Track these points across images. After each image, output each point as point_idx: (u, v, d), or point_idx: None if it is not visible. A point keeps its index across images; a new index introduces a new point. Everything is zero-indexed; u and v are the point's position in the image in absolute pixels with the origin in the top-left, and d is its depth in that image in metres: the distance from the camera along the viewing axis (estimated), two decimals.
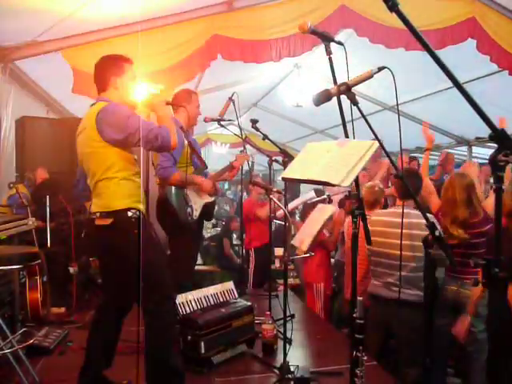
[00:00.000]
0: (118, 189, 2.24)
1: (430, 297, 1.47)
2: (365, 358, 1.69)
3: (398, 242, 2.44)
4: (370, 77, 1.58)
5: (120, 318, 2.43)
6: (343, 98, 1.62)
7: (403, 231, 2.68)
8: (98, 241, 2.35)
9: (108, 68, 2.34)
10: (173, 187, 3.07)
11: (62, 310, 3.83)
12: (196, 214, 3.20)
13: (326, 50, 1.71)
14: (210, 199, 3.36)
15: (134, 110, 2.40)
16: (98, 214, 2.26)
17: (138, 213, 2.24)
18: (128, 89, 2.34)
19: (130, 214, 2.22)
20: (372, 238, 1.80)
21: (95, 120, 2.19)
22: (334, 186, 1.54)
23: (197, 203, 3.22)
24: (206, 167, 3.47)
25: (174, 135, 2.26)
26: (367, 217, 1.79)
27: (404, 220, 2.64)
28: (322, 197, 4.06)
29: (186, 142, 3.20)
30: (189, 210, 3.15)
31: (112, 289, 2.42)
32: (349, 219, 3.53)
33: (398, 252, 2.57)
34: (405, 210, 2.73)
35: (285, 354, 2.53)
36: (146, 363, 2.22)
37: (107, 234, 2.25)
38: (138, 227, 2.23)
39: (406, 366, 2.67)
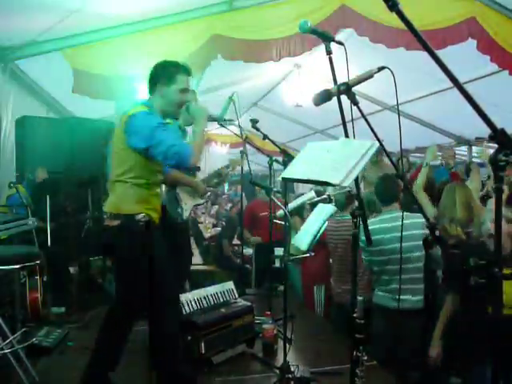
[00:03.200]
0: (130, 193, 2.24)
1: (430, 299, 1.46)
2: (365, 357, 1.69)
3: (404, 244, 2.46)
4: (371, 77, 1.58)
5: (129, 321, 2.41)
6: (343, 97, 1.62)
7: (399, 234, 2.70)
8: (105, 241, 2.38)
9: (159, 74, 2.31)
10: (164, 186, 3.07)
11: (62, 309, 3.82)
12: (186, 214, 3.22)
13: (326, 49, 1.70)
14: (201, 201, 3.38)
15: (176, 118, 2.46)
16: (108, 214, 2.28)
17: (146, 218, 2.25)
18: (174, 99, 2.31)
19: (138, 217, 2.23)
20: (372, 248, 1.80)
21: (125, 123, 2.21)
22: (334, 186, 1.54)
23: (187, 204, 3.23)
24: (199, 168, 3.48)
25: (198, 154, 2.23)
26: None
27: (398, 223, 2.68)
28: (322, 197, 4.05)
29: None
30: (179, 209, 3.16)
31: (120, 291, 2.42)
32: (331, 221, 3.54)
33: (405, 255, 2.61)
34: (398, 214, 2.77)
35: (285, 354, 2.53)
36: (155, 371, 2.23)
37: (114, 235, 2.26)
38: (146, 231, 2.24)
39: (408, 368, 2.67)
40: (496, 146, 1.07)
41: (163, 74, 2.30)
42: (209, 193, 3.59)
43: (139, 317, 2.48)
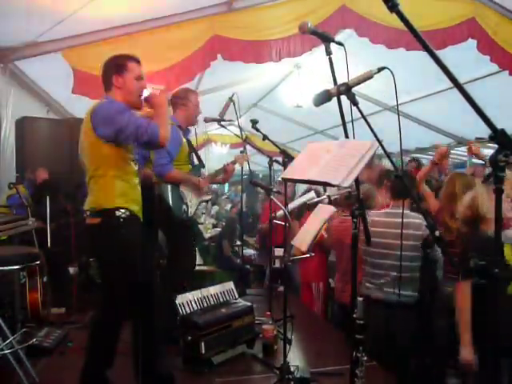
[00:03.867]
0: (108, 187, 2.22)
1: (428, 297, 1.47)
2: (365, 358, 1.69)
3: (396, 242, 2.47)
4: (370, 77, 1.58)
5: (118, 319, 2.40)
6: (343, 98, 1.62)
7: (398, 231, 2.71)
8: (90, 240, 2.34)
9: (110, 67, 2.35)
10: (168, 184, 3.07)
11: (62, 310, 3.83)
12: (191, 211, 3.21)
13: (326, 50, 1.71)
14: (207, 197, 3.38)
15: (138, 108, 2.40)
16: (88, 213, 2.25)
17: (127, 212, 2.22)
18: (132, 87, 2.33)
19: (118, 213, 2.20)
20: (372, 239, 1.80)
21: (90, 117, 2.21)
22: (333, 186, 1.54)
23: (192, 201, 3.23)
24: (203, 166, 3.47)
25: (165, 132, 2.24)
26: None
27: (400, 220, 2.69)
28: (322, 197, 4.06)
29: (184, 140, 3.21)
30: (184, 207, 3.15)
31: (106, 290, 2.41)
32: (338, 220, 3.55)
33: (396, 252, 2.62)
34: (402, 211, 2.78)
35: (285, 355, 2.53)
36: (134, 367, 2.23)
37: (96, 233, 2.24)
38: (128, 227, 2.21)
39: (403, 367, 2.67)
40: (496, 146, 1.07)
41: (114, 64, 2.34)
42: (213, 186, 3.60)
43: (129, 316, 2.46)
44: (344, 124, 1.73)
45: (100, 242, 2.25)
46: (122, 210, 2.21)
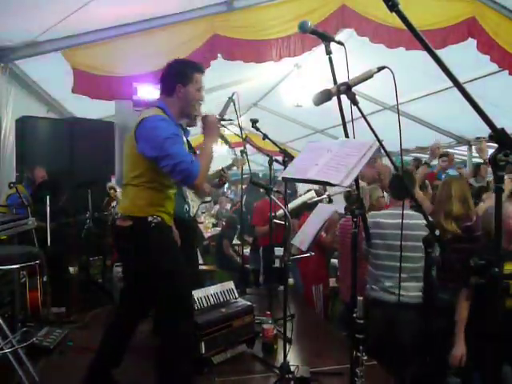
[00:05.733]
0: (142, 196, 2.21)
1: (427, 297, 1.47)
2: (365, 357, 1.69)
3: (398, 243, 2.47)
4: (370, 77, 1.58)
5: (134, 322, 2.42)
6: (343, 97, 1.62)
7: (404, 232, 2.70)
8: (117, 241, 2.35)
9: (176, 74, 2.26)
10: None
11: (62, 309, 3.82)
12: (193, 211, 3.20)
13: (326, 49, 1.71)
14: (208, 198, 3.37)
15: (189, 118, 2.37)
16: (120, 215, 2.27)
17: (158, 218, 2.21)
18: (192, 98, 2.27)
19: (150, 218, 2.19)
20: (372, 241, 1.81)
21: (137, 128, 2.16)
22: (333, 186, 1.54)
23: (194, 201, 3.22)
24: None
25: (203, 177, 2.17)
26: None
27: (405, 221, 2.69)
28: (322, 197, 4.06)
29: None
30: (186, 206, 3.15)
31: (129, 292, 2.42)
32: (341, 220, 3.55)
33: (404, 253, 2.62)
34: (405, 212, 2.79)
35: (285, 354, 2.53)
36: (159, 369, 2.21)
37: (126, 235, 2.23)
38: (158, 231, 2.21)
39: (405, 366, 2.67)
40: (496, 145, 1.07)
41: (181, 72, 2.26)
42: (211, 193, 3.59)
43: (144, 316, 2.46)
44: (344, 124, 1.73)
45: (130, 243, 2.22)
46: (153, 216, 2.19)
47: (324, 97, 1.58)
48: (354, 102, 1.59)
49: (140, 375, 2.48)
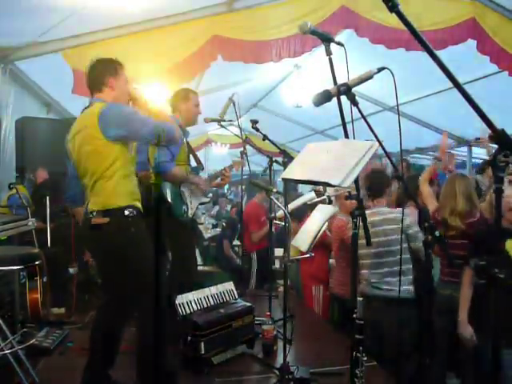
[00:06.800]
0: (118, 187, 2.25)
1: (426, 298, 1.47)
2: (365, 358, 1.69)
3: (382, 238, 2.77)
4: (370, 77, 1.58)
5: (122, 318, 2.41)
6: (343, 98, 1.62)
7: (384, 228, 2.85)
8: (95, 240, 2.33)
9: (105, 69, 2.39)
10: (168, 184, 3.06)
11: (62, 310, 3.82)
12: (191, 212, 3.20)
13: (326, 50, 1.71)
14: (206, 199, 3.38)
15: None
16: (94, 213, 2.25)
17: (134, 211, 2.26)
18: (123, 90, 2.43)
19: (126, 212, 2.23)
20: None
21: (97, 118, 2.21)
22: (333, 186, 1.54)
23: (192, 202, 3.22)
24: (203, 168, 3.46)
25: (177, 128, 2.35)
26: None
27: (378, 218, 2.90)
28: (322, 197, 4.05)
29: (184, 140, 3.21)
30: (184, 207, 3.14)
31: (111, 289, 2.41)
32: (336, 221, 3.55)
33: (382, 249, 2.82)
34: (377, 209, 2.98)
35: (285, 355, 2.53)
36: (137, 363, 2.23)
37: (104, 233, 2.24)
38: (135, 225, 2.24)
39: (399, 364, 2.68)
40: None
41: (110, 66, 2.41)
42: (210, 194, 3.59)
43: (132, 315, 2.45)
44: (344, 124, 1.73)
45: (110, 240, 2.25)
46: (130, 209, 2.25)
47: (324, 97, 1.58)
48: (354, 102, 1.59)
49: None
